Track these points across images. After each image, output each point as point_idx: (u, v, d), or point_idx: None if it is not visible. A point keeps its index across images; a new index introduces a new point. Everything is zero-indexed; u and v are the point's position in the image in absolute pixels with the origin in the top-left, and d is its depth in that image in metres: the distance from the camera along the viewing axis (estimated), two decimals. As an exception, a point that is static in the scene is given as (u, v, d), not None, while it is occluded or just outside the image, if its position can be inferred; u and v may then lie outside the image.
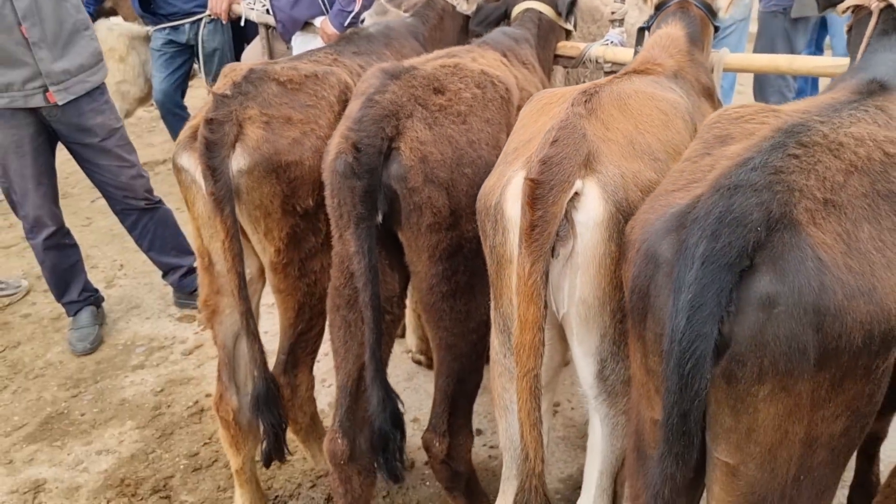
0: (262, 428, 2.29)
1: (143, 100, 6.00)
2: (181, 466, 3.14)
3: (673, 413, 1.23)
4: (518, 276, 1.49)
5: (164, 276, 4.40)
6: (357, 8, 4.76)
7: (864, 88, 1.66)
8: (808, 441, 1.26)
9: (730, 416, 1.28)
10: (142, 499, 2.96)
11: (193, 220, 2.24)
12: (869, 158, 1.32)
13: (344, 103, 2.34)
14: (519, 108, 2.17)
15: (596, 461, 1.82)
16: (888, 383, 1.31)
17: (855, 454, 1.66)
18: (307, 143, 2.17)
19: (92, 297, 4.20)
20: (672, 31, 2.47)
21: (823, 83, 6.68)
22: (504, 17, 3.45)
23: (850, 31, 2.35)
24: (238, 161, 2.06)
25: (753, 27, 5.55)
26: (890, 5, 2.10)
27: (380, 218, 1.89)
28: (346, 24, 4.75)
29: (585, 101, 1.67)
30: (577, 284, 1.58)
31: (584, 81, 4.01)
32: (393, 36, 3.04)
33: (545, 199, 1.45)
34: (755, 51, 5.20)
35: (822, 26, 6.20)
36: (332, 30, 4.79)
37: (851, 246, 1.21)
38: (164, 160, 6.88)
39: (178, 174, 2.18)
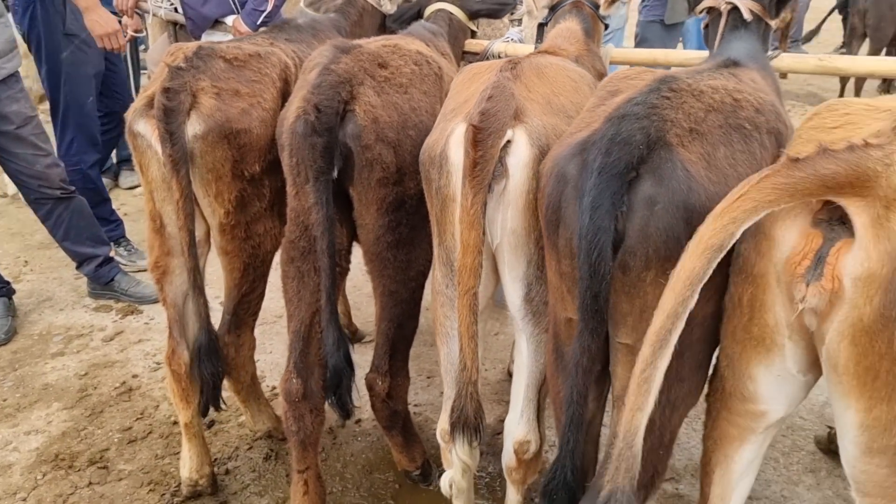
0: (200, 378, 2.47)
1: (42, 98, 5.88)
2: (115, 440, 3.22)
3: (587, 296, 1.58)
4: (462, 207, 1.81)
5: (79, 266, 4.39)
6: (269, 7, 4.95)
7: (721, 63, 2.10)
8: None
9: (626, 302, 1.64)
10: (79, 470, 3.03)
11: (146, 185, 2.40)
12: (722, 102, 1.74)
13: (285, 81, 2.59)
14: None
15: (523, 376, 2.15)
16: None
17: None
18: (255, 114, 2.40)
19: (3, 290, 4.15)
20: (571, 26, 2.88)
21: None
22: (417, 17, 3.78)
23: (706, 28, 2.85)
24: (194, 127, 2.26)
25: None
26: (735, 7, 2.59)
27: (335, 173, 2.15)
28: (258, 23, 4.91)
29: (511, 69, 2.02)
30: (509, 217, 1.91)
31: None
32: (319, 28, 3.29)
33: (485, 142, 1.78)
34: (638, 54, 5.95)
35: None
36: (244, 28, 4.93)
37: (711, 163, 1.61)
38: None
39: (133, 140, 2.34)
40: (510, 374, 3.70)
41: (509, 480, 2.30)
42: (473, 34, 3.97)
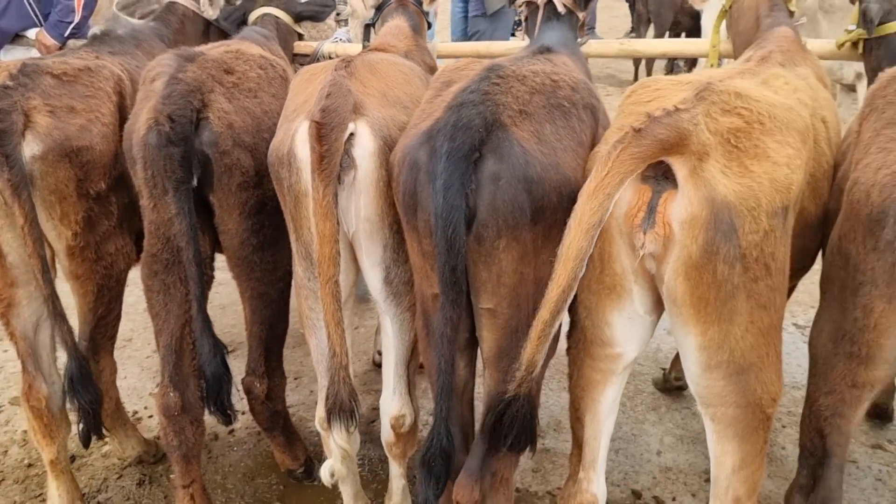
0: (78, 407, 2.38)
1: None
2: (-39, 498, 2.98)
3: (445, 270, 1.75)
4: (314, 200, 1.91)
5: None
6: (77, 18, 4.69)
7: (537, 50, 2.36)
8: (537, 280, 1.83)
9: (484, 270, 1.83)
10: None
11: (-22, 213, 2.27)
12: (543, 84, 1.97)
13: (120, 94, 2.53)
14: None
15: (391, 355, 2.28)
16: None
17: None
18: (94, 130, 2.34)
19: None
20: (399, 23, 3.05)
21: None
22: (242, 22, 3.77)
23: (527, 19, 3.13)
24: (31, 147, 2.18)
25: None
26: (550, 0, 2.88)
27: (195, 182, 2.16)
28: (66, 35, 4.65)
29: (345, 67, 2.15)
30: (362, 206, 2.04)
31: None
32: (141, 38, 3.20)
33: (329, 136, 1.90)
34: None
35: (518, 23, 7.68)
36: (50, 41, 4.64)
37: (541, 139, 1.84)
38: None
39: (-40, 167, 2.20)
40: (376, 365, 3.83)
41: (391, 456, 2.44)
42: (301, 37, 4.03)
